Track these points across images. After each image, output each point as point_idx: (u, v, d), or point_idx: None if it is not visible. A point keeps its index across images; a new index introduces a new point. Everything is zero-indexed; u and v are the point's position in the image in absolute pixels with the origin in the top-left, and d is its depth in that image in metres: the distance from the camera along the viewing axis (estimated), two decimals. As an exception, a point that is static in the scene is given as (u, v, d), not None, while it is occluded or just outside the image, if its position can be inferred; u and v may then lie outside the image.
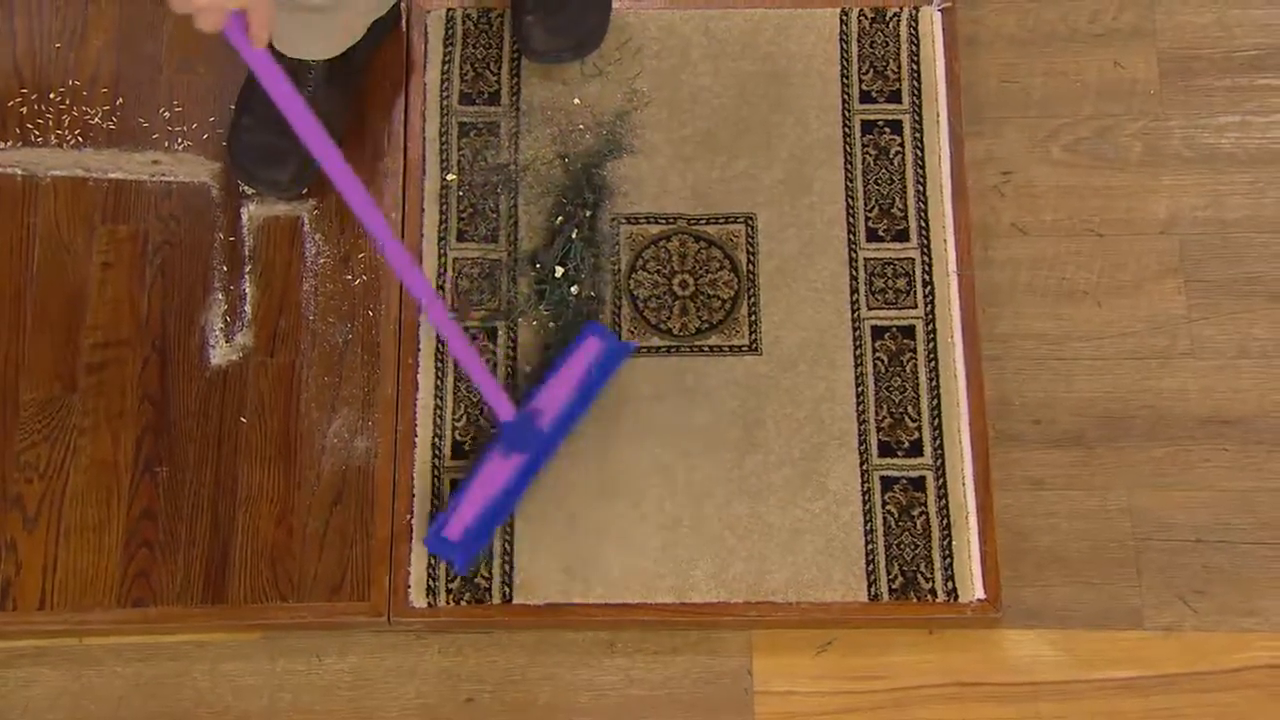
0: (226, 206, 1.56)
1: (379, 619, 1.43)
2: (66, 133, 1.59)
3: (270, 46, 1.48)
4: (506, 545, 1.45)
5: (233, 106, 1.56)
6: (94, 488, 1.47)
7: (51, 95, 1.60)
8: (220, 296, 1.53)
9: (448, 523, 1.42)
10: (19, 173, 1.57)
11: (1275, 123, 1.60)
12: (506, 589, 1.43)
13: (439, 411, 1.49)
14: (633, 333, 1.51)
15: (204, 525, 1.46)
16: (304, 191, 1.56)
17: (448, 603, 1.43)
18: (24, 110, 1.59)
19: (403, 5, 1.59)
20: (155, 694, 1.43)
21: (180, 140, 1.59)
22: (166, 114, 1.59)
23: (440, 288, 1.53)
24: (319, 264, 1.55)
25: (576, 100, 1.59)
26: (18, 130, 1.58)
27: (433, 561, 1.44)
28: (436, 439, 1.48)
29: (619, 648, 1.44)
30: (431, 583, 1.44)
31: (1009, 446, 1.49)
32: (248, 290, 1.54)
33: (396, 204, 1.56)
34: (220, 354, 1.52)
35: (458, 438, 1.48)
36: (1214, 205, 1.57)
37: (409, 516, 1.46)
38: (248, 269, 1.54)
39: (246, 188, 1.56)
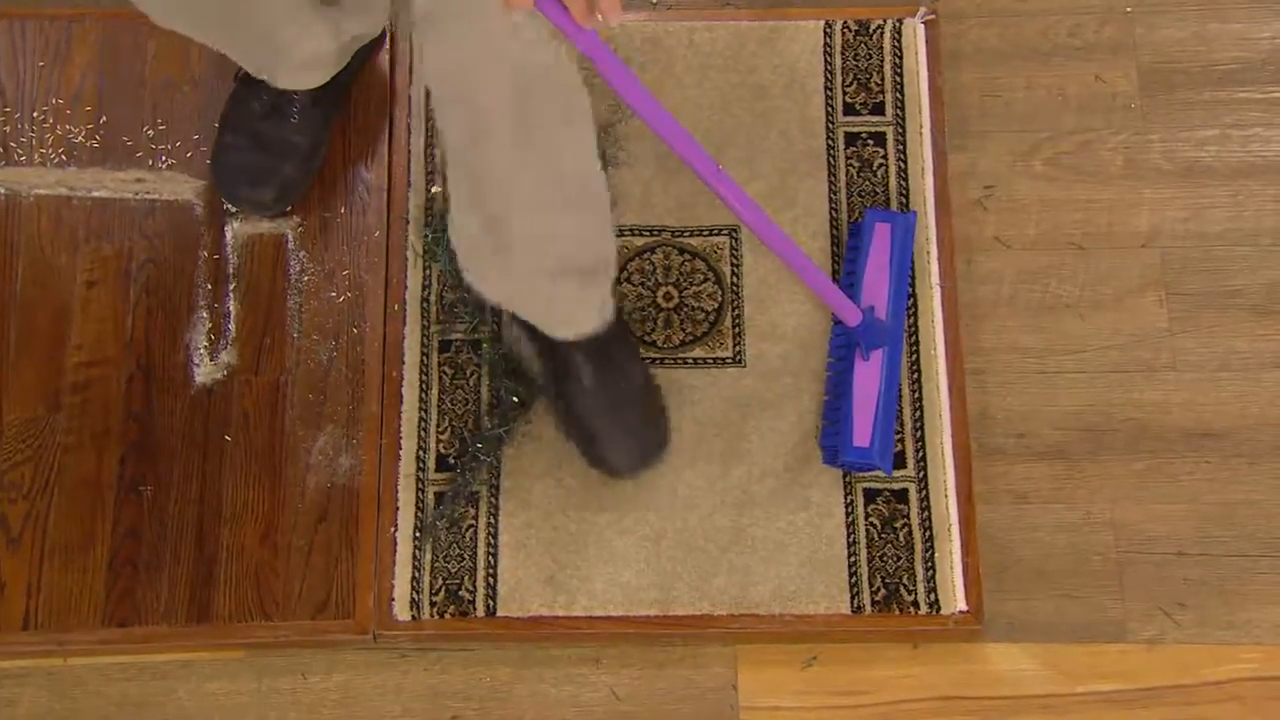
0: (210, 224, 1.57)
1: (364, 636, 1.43)
2: (50, 151, 1.59)
3: (251, 78, 1.51)
4: (490, 558, 1.45)
5: (216, 125, 1.56)
6: (78, 507, 1.47)
7: (35, 113, 1.60)
8: (204, 314, 1.54)
9: (850, 435, 1.43)
10: (2, 191, 1.58)
11: (1254, 135, 1.61)
12: (490, 602, 1.44)
13: (423, 424, 1.49)
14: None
15: (188, 544, 1.46)
16: (288, 209, 1.56)
17: (431, 616, 1.43)
18: (7, 129, 1.59)
19: (387, 28, 1.60)
20: (140, 714, 1.43)
21: (164, 158, 1.59)
22: (150, 132, 1.60)
23: (424, 300, 1.53)
24: (303, 281, 1.55)
25: (561, 112, 1.59)
26: (1, 149, 1.59)
27: (416, 574, 1.44)
28: (421, 452, 1.48)
29: (604, 664, 1.44)
30: (415, 596, 1.44)
31: (992, 460, 1.50)
32: (232, 308, 1.54)
33: (381, 218, 1.56)
34: (205, 372, 1.52)
35: (442, 450, 1.48)
36: (1195, 218, 1.58)
37: (393, 529, 1.46)
38: (232, 287, 1.54)
39: (230, 206, 1.56)
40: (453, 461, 1.48)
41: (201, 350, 1.52)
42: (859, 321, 1.45)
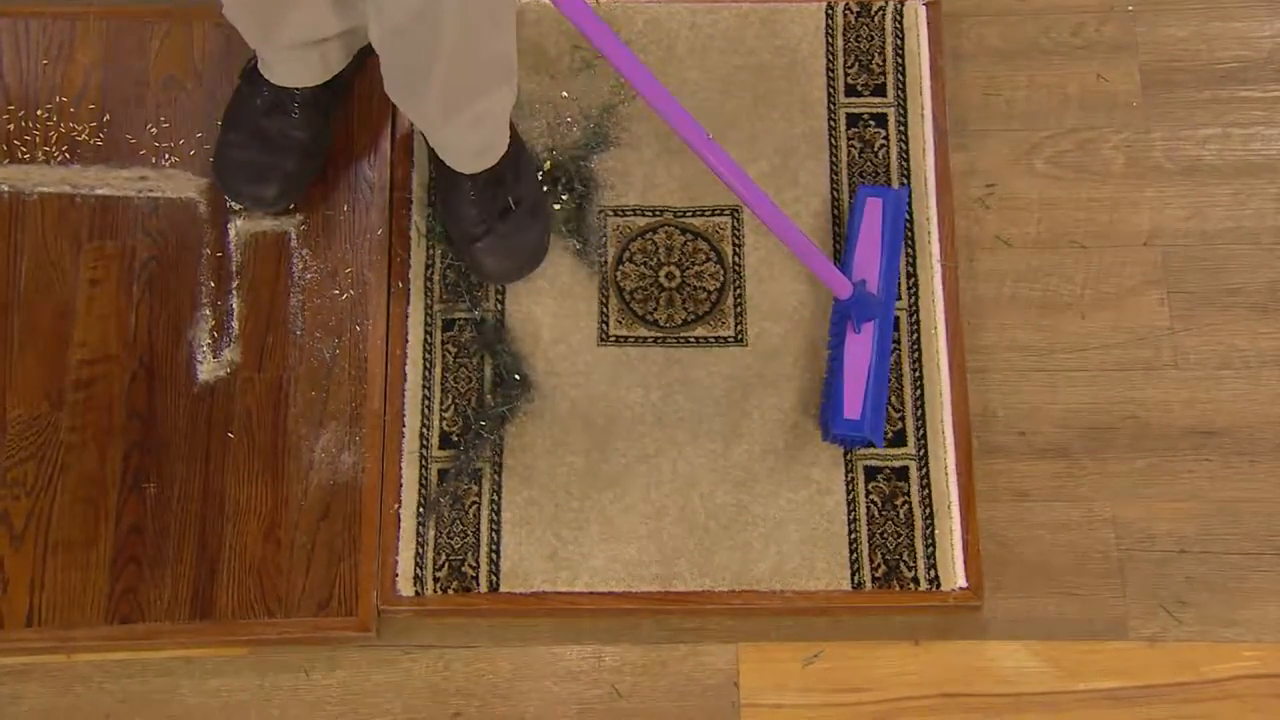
0: (213, 222, 1.57)
1: (367, 634, 1.44)
2: (54, 149, 1.59)
3: (257, 73, 1.51)
4: (493, 535, 1.46)
5: (219, 123, 1.57)
6: (81, 504, 1.47)
7: (39, 112, 1.60)
8: (207, 312, 1.54)
9: (841, 407, 1.44)
10: (6, 189, 1.58)
11: (1256, 134, 1.61)
12: (493, 578, 1.44)
13: (426, 402, 1.50)
14: (620, 324, 1.53)
15: (191, 541, 1.46)
16: (290, 207, 1.56)
17: (435, 592, 1.44)
18: (11, 127, 1.60)
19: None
20: (143, 710, 1.43)
21: (167, 156, 1.59)
22: (154, 130, 1.60)
23: (428, 279, 1.54)
24: (306, 279, 1.55)
25: (564, 93, 1.60)
26: (4, 147, 1.59)
27: (420, 550, 1.45)
28: (424, 429, 1.49)
29: (606, 661, 1.45)
30: (419, 572, 1.44)
31: (994, 457, 1.50)
32: (235, 306, 1.54)
33: (384, 216, 1.56)
34: (207, 369, 1.52)
35: (445, 428, 1.49)
36: (1196, 217, 1.58)
37: (397, 506, 1.47)
38: (235, 284, 1.55)
39: (233, 203, 1.57)
40: (456, 439, 1.49)
41: (204, 348, 1.53)
42: (850, 294, 1.46)
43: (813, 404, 1.50)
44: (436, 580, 1.44)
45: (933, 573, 1.44)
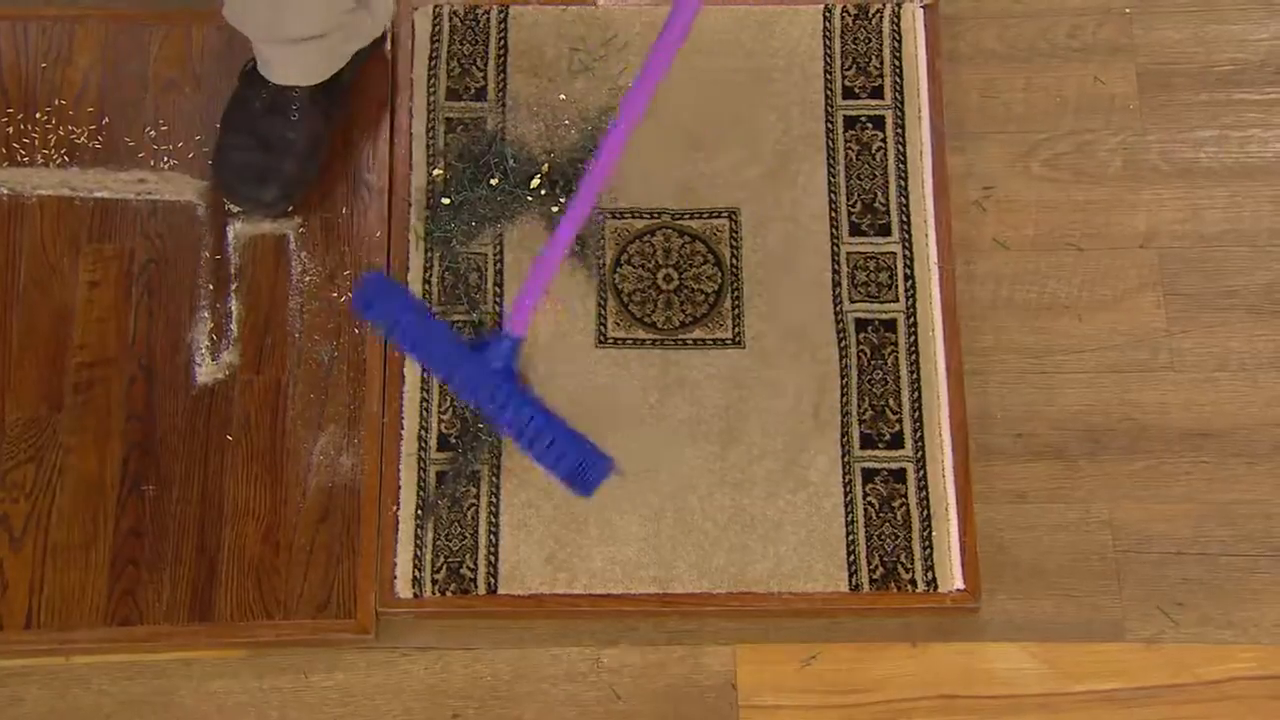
0: (212, 225, 1.57)
1: (366, 635, 1.44)
2: (53, 152, 1.59)
3: (256, 74, 1.52)
4: (491, 537, 1.46)
5: (218, 125, 1.57)
6: (80, 506, 1.47)
7: (38, 114, 1.60)
8: (206, 315, 1.54)
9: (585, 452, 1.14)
10: (5, 192, 1.58)
11: (1252, 137, 1.61)
12: (491, 580, 1.45)
13: (425, 404, 1.50)
14: (618, 326, 1.53)
15: (190, 543, 1.46)
16: (289, 210, 1.57)
17: (433, 594, 1.44)
18: (10, 129, 1.60)
19: (388, 30, 1.60)
20: (142, 712, 1.43)
21: (166, 159, 1.59)
22: (152, 133, 1.60)
23: (426, 282, 1.54)
24: (305, 281, 1.55)
25: (562, 96, 1.61)
26: (3, 150, 1.59)
27: (418, 552, 1.45)
28: (423, 431, 1.49)
29: (605, 663, 1.45)
30: (417, 574, 1.45)
31: (991, 459, 1.50)
32: (234, 308, 1.54)
33: (382, 218, 1.56)
34: (206, 372, 1.52)
35: (443, 430, 1.50)
36: (1193, 219, 1.59)
37: (395, 508, 1.47)
38: (234, 287, 1.55)
39: (232, 206, 1.57)
40: (454, 441, 1.49)
41: (203, 350, 1.53)
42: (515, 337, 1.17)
43: (810, 406, 1.50)
44: (435, 582, 1.45)
45: (930, 574, 1.44)
